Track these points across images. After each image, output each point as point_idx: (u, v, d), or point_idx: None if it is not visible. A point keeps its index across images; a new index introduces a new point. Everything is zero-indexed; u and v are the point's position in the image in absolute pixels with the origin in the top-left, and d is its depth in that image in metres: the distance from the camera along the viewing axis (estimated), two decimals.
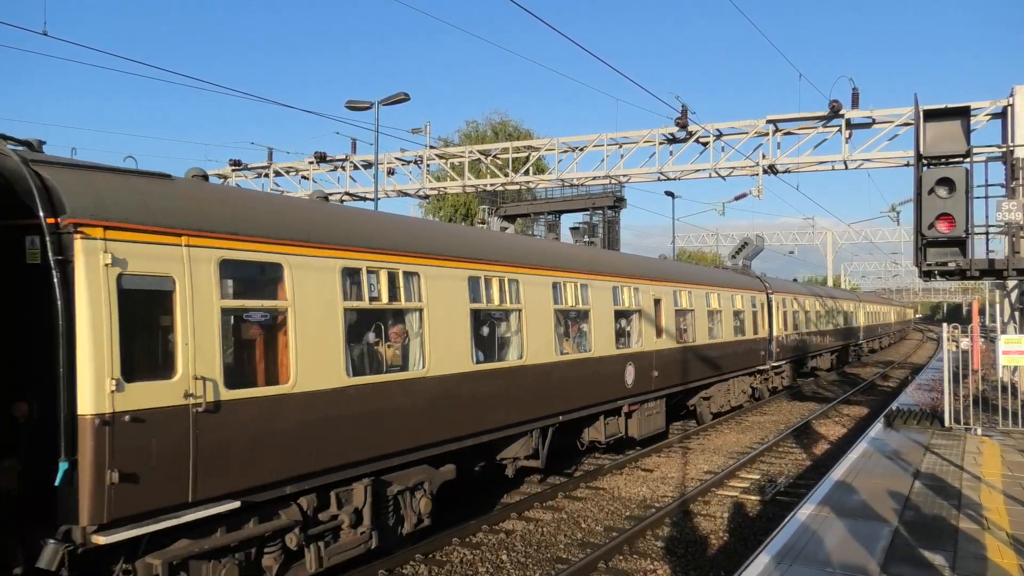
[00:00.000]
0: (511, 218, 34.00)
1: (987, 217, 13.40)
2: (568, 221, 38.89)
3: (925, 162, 12.81)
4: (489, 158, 27.57)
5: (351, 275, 8.40)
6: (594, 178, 25.79)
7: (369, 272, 8.64)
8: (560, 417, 12.63)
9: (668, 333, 16.93)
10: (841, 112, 21.46)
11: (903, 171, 23.58)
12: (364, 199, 28.81)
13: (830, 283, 68.16)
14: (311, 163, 29.77)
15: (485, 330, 11.02)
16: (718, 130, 23.40)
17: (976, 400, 14.41)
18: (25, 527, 6.17)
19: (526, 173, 26.94)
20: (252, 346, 7.53)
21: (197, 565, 6.81)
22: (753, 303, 23.66)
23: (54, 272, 5.90)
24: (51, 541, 5.89)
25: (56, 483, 5.83)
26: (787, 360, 27.35)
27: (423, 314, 9.43)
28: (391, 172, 28.95)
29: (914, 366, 41.67)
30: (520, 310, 11.53)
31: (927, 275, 13.23)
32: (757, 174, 23.09)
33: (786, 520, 8.53)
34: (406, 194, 29.47)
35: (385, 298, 8.93)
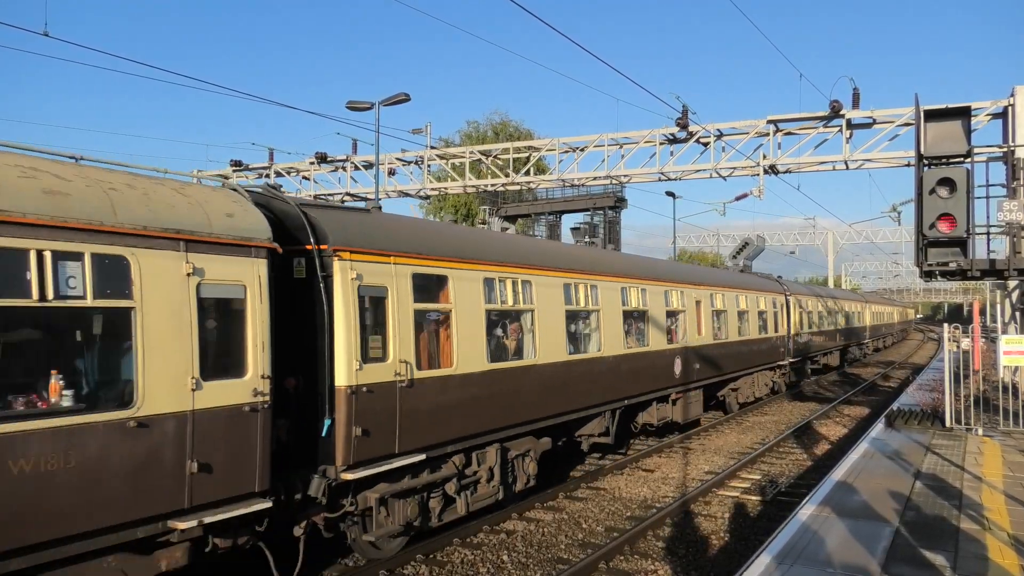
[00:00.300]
0: (512, 218, 34.05)
1: (988, 217, 13.41)
2: (569, 221, 38.92)
3: (926, 162, 12.81)
4: (490, 158, 27.57)
5: (488, 284, 11.05)
6: (595, 178, 25.78)
7: (500, 281, 11.26)
8: (625, 401, 14.98)
9: (706, 331, 19.36)
10: (842, 112, 21.44)
11: (904, 171, 23.61)
12: (365, 199, 28.82)
13: (831, 283, 68.17)
14: (312, 164, 29.77)
15: (573, 327, 13.44)
16: (719, 130, 23.39)
17: (977, 400, 14.40)
18: (290, 468, 8.16)
19: (527, 173, 26.93)
20: (431, 338, 10.06)
21: (392, 502, 9.30)
22: (774, 304, 26.01)
23: (320, 284, 8.32)
24: (315, 476, 8.15)
25: (323, 434, 8.23)
26: (802, 356, 29.60)
27: (534, 314, 12.14)
28: (392, 172, 28.96)
29: (915, 366, 41.65)
30: (598, 311, 14.00)
31: (928, 275, 13.23)
32: (758, 174, 23.08)
33: (787, 520, 8.53)
34: (407, 194, 29.47)
35: (511, 301, 11.65)
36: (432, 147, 28.56)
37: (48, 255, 6.00)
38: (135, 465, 6.43)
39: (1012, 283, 18.30)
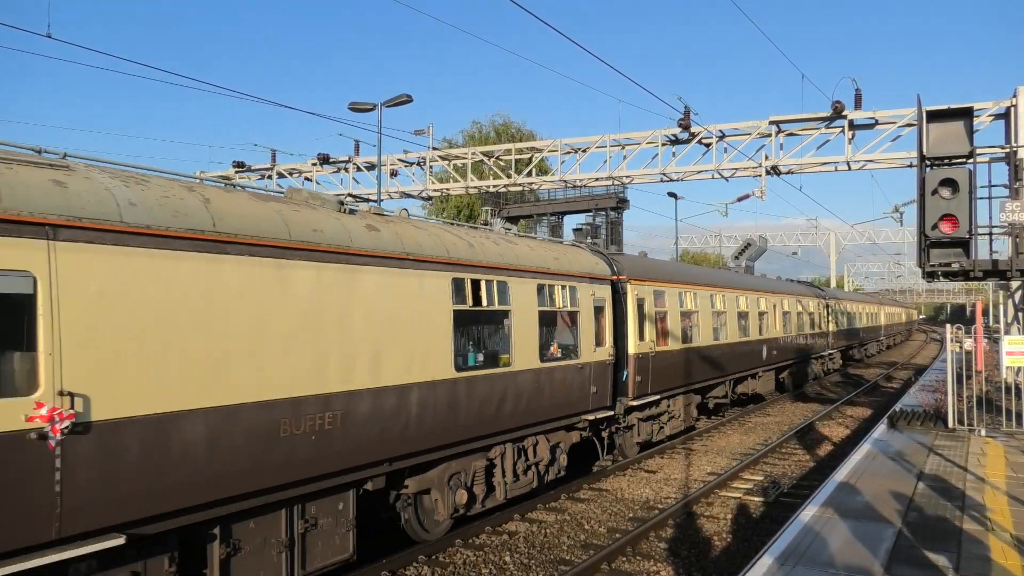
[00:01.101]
0: (514, 219, 34.07)
1: (991, 218, 13.41)
2: (571, 222, 38.98)
3: (928, 163, 12.79)
4: (492, 159, 27.58)
5: (681, 295, 16.67)
6: (597, 179, 25.78)
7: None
8: (735, 375, 22.09)
9: (779, 327, 26.20)
10: (844, 113, 21.44)
11: (906, 172, 23.55)
12: (367, 201, 28.84)
13: (833, 284, 68.16)
14: (314, 165, 29.79)
15: (722, 322, 20.86)
16: (721, 131, 23.39)
17: (980, 401, 14.37)
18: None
19: (529, 174, 26.93)
20: (661, 326, 16.83)
21: (640, 424, 16.08)
22: (818, 307, 33.18)
23: (624, 297, 14.82)
24: (619, 401, 14.56)
25: (623, 379, 14.59)
26: (837, 349, 37.52)
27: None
28: (394, 174, 28.98)
29: (918, 367, 41.60)
30: (725, 312, 20.89)
31: (930, 276, 13.21)
32: (760, 175, 23.07)
33: (789, 521, 8.52)
34: (409, 195, 29.48)
35: (690, 306, 18.21)
36: (434, 148, 28.57)
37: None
38: (580, 384, 13.04)
39: (1015, 284, 18.29)
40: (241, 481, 7.05)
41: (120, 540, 6.04)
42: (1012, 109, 18.91)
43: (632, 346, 14.79)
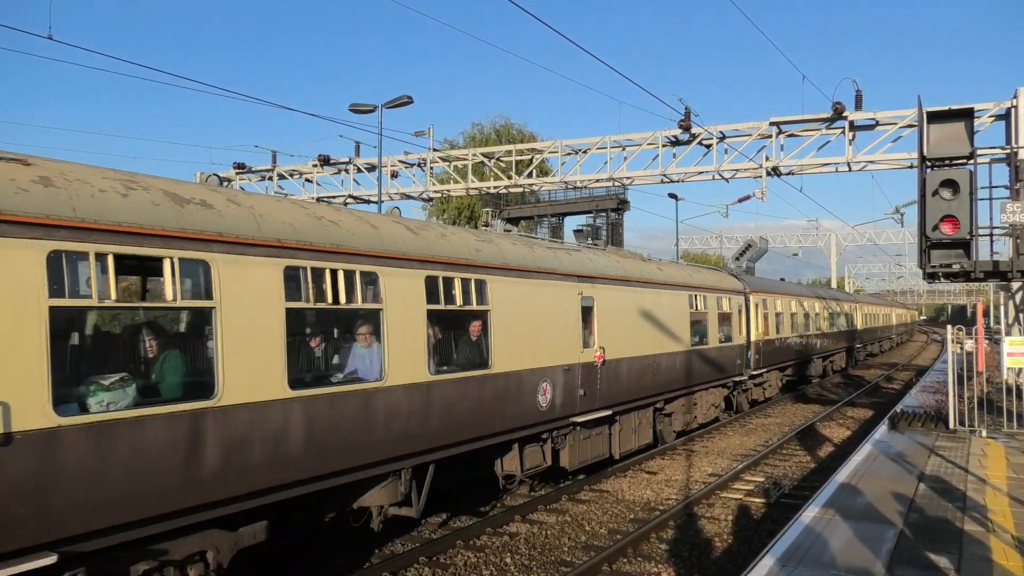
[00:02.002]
0: (515, 220, 34.06)
1: (991, 219, 13.41)
2: (572, 223, 38.97)
3: (929, 164, 12.79)
4: (492, 161, 27.59)
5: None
6: (597, 180, 25.80)
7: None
8: (805, 360, 30.00)
9: (826, 326, 34.41)
10: (844, 114, 21.45)
11: (907, 173, 23.66)
12: (367, 202, 28.86)
13: (834, 285, 68.19)
14: (315, 166, 29.81)
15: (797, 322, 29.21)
16: (721, 132, 23.40)
17: (981, 402, 14.36)
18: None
19: (529, 175, 26.95)
20: (766, 324, 24.68)
21: (753, 388, 23.97)
22: (849, 309, 41.40)
23: (748, 303, 21.90)
24: (745, 371, 21.92)
25: (747, 357, 21.72)
26: (861, 344, 46.07)
27: (785, 317, 27.02)
28: (395, 175, 28.99)
29: (919, 368, 41.58)
30: (801, 313, 28.31)
31: (931, 277, 13.21)
32: (760, 176, 23.09)
33: (791, 523, 8.52)
34: (410, 197, 29.50)
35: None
36: (435, 149, 28.58)
37: None
38: (733, 357, 20.56)
39: (1016, 285, 18.28)
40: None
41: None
42: (1013, 110, 18.92)
43: (753, 335, 22.21)
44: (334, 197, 29.46)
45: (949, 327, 15.44)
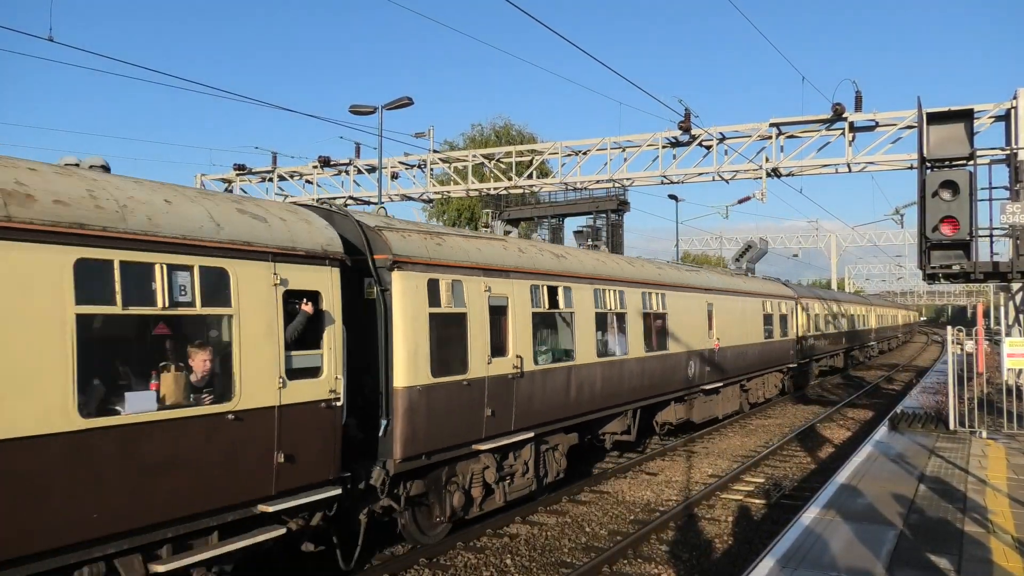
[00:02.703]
0: (515, 222, 34.04)
1: (991, 220, 13.40)
2: (571, 224, 38.94)
3: (929, 165, 12.79)
4: (493, 162, 27.60)
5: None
6: (597, 182, 25.80)
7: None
8: (833, 351, 35.84)
9: (874, 322, 49.32)
10: (844, 115, 21.44)
11: (907, 174, 23.68)
12: (368, 203, 28.86)
13: (834, 286, 68.24)
14: (315, 167, 29.82)
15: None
16: (721, 133, 23.40)
17: (981, 403, 14.36)
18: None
19: (529, 177, 26.95)
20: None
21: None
22: (865, 311, 47.42)
23: (797, 306, 28.26)
24: (795, 361, 28.13)
25: (794, 350, 27.26)
26: (876, 341, 52.68)
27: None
28: (395, 176, 28.99)
29: (919, 369, 41.57)
30: (842, 313, 37.19)
31: (931, 278, 13.21)
32: (760, 177, 23.08)
33: (791, 524, 8.52)
34: (410, 198, 29.51)
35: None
36: (435, 151, 28.59)
37: None
38: (786, 349, 26.60)
39: (1016, 285, 18.28)
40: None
41: None
42: (1012, 111, 18.92)
43: (800, 332, 27.67)
44: (334, 198, 29.46)
45: (949, 328, 15.44)
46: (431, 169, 28.51)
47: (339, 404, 8.03)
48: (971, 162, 12.77)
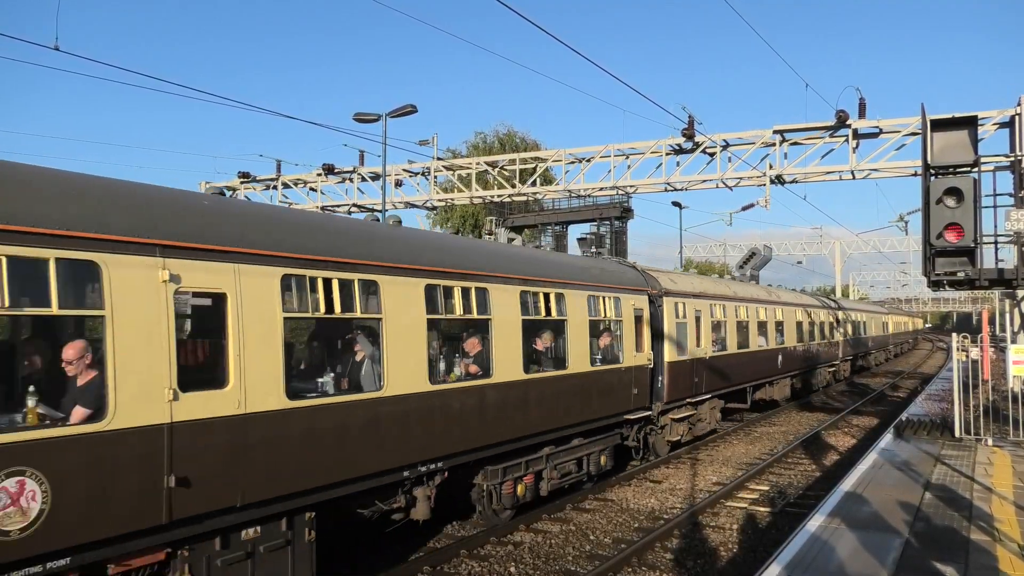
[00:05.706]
0: (518, 229, 34.11)
1: (996, 226, 13.36)
2: (575, 232, 39.01)
3: (933, 172, 12.77)
4: (496, 169, 27.63)
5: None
6: (601, 189, 25.77)
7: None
8: (865, 351, 45.53)
9: (881, 328, 52.38)
10: (848, 122, 21.41)
11: (911, 181, 23.55)
12: (371, 211, 28.89)
13: (839, 293, 68.15)
14: (319, 175, 29.86)
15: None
16: (725, 140, 23.39)
17: (986, 410, 14.33)
18: None
19: (533, 184, 26.96)
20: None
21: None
22: (887, 318, 53.14)
23: (837, 315, 37.37)
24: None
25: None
26: (895, 344, 59.72)
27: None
28: (399, 184, 29.01)
29: (924, 376, 41.44)
30: (872, 320, 47.66)
31: (936, 285, 13.16)
32: (764, 184, 23.04)
33: (796, 531, 8.49)
34: (414, 205, 29.54)
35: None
36: (439, 158, 28.63)
37: None
38: (832, 350, 34.66)
39: (1021, 292, 18.22)
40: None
41: None
42: (1017, 118, 18.89)
43: (841, 337, 35.01)
44: (338, 206, 29.54)
45: (954, 335, 15.40)
46: (435, 177, 28.53)
47: (651, 367, 15.58)
48: (975, 169, 12.74)
